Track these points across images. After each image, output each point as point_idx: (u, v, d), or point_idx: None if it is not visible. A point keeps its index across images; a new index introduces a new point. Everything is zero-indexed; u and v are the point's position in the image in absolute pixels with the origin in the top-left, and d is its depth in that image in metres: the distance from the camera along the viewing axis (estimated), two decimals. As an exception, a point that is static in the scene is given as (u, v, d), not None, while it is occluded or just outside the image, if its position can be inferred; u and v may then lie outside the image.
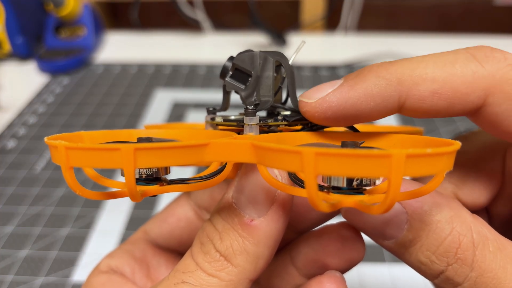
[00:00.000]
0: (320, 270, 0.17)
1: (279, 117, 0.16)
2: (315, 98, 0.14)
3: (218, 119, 0.17)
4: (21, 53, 0.61)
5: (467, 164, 0.17)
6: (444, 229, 0.14)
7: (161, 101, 0.52)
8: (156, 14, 0.80)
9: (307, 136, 0.16)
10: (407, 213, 0.14)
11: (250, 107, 0.15)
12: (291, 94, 0.17)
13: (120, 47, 0.67)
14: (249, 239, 0.15)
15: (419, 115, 0.14)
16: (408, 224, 0.14)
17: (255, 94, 0.16)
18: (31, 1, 0.63)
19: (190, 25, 0.71)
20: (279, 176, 0.15)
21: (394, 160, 0.10)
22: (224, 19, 0.76)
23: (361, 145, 0.15)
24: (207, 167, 0.17)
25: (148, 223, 0.21)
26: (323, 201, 0.12)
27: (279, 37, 0.64)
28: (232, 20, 0.77)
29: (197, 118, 0.48)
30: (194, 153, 0.13)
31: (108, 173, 0.40)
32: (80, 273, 0.32)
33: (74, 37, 0.63)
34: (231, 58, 0.17)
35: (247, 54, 0.16)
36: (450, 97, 0.13)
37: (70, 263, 0.32)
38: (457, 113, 0.14)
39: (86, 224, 0.36)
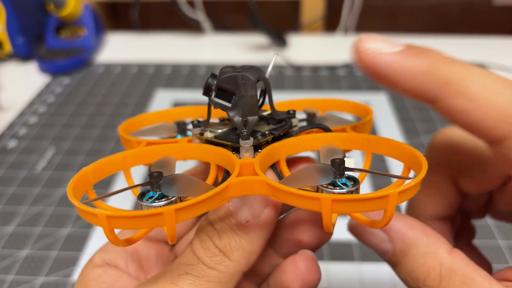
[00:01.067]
0: (294, 248, 0.19)
1: (266, 132, 0.18)
2: (372, 49, 0.15)
3: (209, 135, 0.19)
4: (22, 53, 0.62)
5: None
6: (418, 261, 0.17)
7: (162, 101, 0.52)
8: (156, 15, 0.80)
9: (291, 145, 0.19)
10: (391, 243, 0.17)
11: (244, 132, 0.17)
12: (270, 103, 0.19)
13: (121, 48, 0.67)
14: (245, 237, 0.17)
15: (444, 117, 0.15)
16: (392, 250, 0.18)
17: (241, 113, 0.18)
18: (32, 2, 0.63)
19: (190, 26, 0.71)
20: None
21: (390, 198, 0.14)
22: (224, 19, 0.77)
23: (345, 156, 0.17)
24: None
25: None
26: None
27: (279, 38, 0.64)
28: (232, 20, 0.78)
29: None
30: (219, 198, 0.15)
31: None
32: (80, 273, 0.32)
33: (75, 37, 0.63)
34: (213, 76, 0.18)
35: (229, 76, 0.17)
36: (473, 124, 0.13)
37: (70, 262, 0.32)
38: (477, 136, 0.14)
39: (86, 223, 0.36)
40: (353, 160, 0.18)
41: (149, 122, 0.23)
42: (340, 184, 0.16)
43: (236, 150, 0.18)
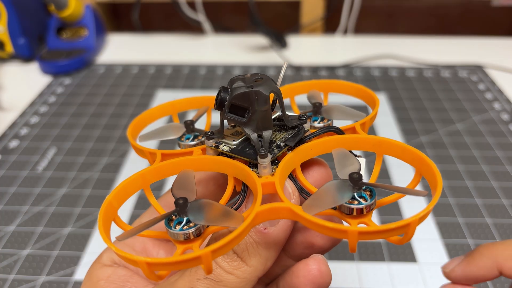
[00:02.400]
0: (306, 250, 0.19)
1: (282, 144, 0.19)
2: (450, 268, 0.22)
3: (225, 148, 0.19)
4: (23, 54, 0.62)
5: None
6: None
7: (162, 101, 0.52)
8: (157, 15, 0.80)
9: (305, 151, 0.19)
10: None
11: (262, 151, 0.17)
12: (283, 113, 0.19)
13: (121, 48, 0.67)
14: (262, 244, 0.17)
15: None
16: None
17: (256, 127, 0.18)
18: (33, 3, 0.63)
19: (190, 26, 0.72)
20: (292, 194, 0.18)
21: (411, 225, 0.15)
22: (224, 20, 0.77)
23: (360, 169, 0.18)
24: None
25: (143, 218, 0.22)
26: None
27: (279, 39, 0.64)
28: (232, 21, 0.78)
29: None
30: (248, 229, 0.16)
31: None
32: (82, 272, 0.32)
33: (76, 38, 0.63)
34: (225, 90, 0.18)
35: (242, 93, 0.17)
36: None
37: (72, 262, 0.33)
38: None
39: (87, 223, 0.36)
40: (364, 160, 0.18)
41: (154, 117, 0.23)
42: (358, 198, 0.16)
43: (253, 164, 0.18)
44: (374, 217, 0.35)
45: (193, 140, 0.21)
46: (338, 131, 0.20)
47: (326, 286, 0.18)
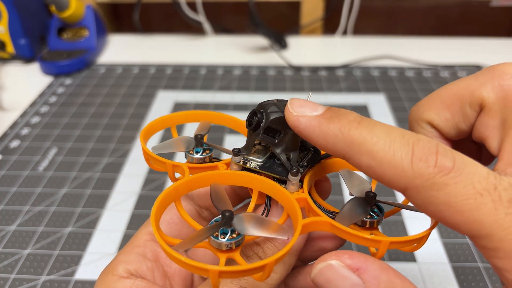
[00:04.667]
0: (317, 253, 0.21)
1: (305, 164, 0.20)
2: (296, 112, 0.17)
3: (253, 165, 0.20)
4: (24, 55, 0.62)
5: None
6: None
7: (163, 102, 0.53)
8: (157, 16, 0.81)
9: (319, 171, 0.21)
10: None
11: (294, 170, 0.19)
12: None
13: (122, 49, 0.68)
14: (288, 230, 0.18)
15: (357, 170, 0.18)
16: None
17: (284, 148, 0.20)
18: (34, 3, 0.64)
19: (191, 27, 0.72)
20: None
21: (423, 240, 0.19)
22: (225, 21, 0.77)
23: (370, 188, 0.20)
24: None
25: (149, 226, 0.22)
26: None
27: (279, 39, 0.65)
28: (233, 22, 0.78)
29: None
30: (295, 239, 0.17)
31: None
32: (83, 271, 0.32)
33: (77, 38, 0.63)
34: (260, 113, 0.19)
35: (277, 118, 0.19)
36: (380, 177, 0.16)
37: (73, 261, 0.33)
38: (388, 186, 0.16)
39: (88, 222, 0.36)
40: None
41: (157, 129, 0.24)
42: (372, 213, 0.19)
43: (281, 180, 0.20)
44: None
45: (202, 153, 0.22)
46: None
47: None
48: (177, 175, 0.22)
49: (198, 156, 0.22)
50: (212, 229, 0.17)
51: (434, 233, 0.34)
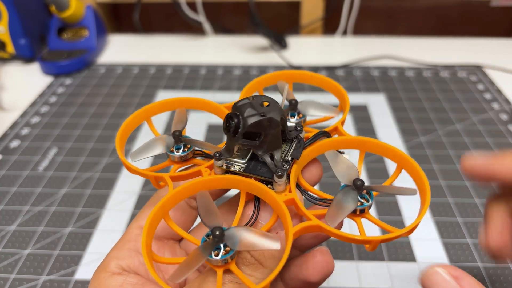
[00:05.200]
0: (300, 284, 0.21)
1: (290, 159, 0.20)
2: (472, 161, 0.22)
3: (237, 168, 0.20)
4: (25, 55, 0.62)
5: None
6: None
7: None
8: (157, 16, 0.81)
9: (304, 158, 0.21)
10: None
11: (280, 172, 0.19)
12: (286, 129, 0.20)
13: (122, 49, 0.68)
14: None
15: None
16: None
17: (266, 148, 0.19)
18: (34, 3, 0.64)
19: (191, 27, 0.72)
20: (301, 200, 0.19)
21: (412, 230, 0.18)
22: (225, 21, 0.77)
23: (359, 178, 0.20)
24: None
25: (140, 220, 0.22)
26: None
27: (279, 39, 0.65)
28: (232, 22, 0.78)
29: (198, 117, 0.49)
30: (289, 249, 0.17)
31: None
32: (83, 271, 0.32)
33: (77, 38, 0.63)
34: (236, 116, 0.18)
35: (256, 122, 0.18)
36: None
37: (73, 261, 0.33)
38: None
39: (88, 222, 0.36)
40: (348, 156, 0.21)
41: (131, 128, 0.23)
42: (361, 199, 0.19)
43: (267, 180, 0.19)
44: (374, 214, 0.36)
45: (183, 150, 0.21)
46: (327, 135, 0.22)
47: (330, 274, 0.20)
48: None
49: (179, 154, 0.21)
50: (205, 251, 0.17)
51: (434, 233, 0.34)
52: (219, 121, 0.52)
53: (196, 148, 0.22)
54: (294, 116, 0.23)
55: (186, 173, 0.20)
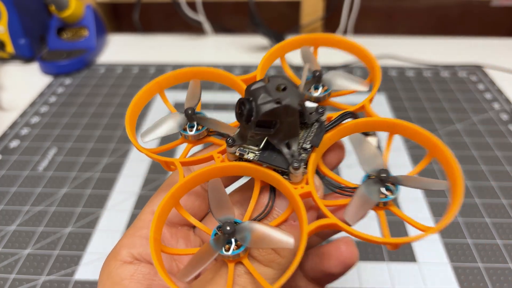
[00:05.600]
0: (321, 275, 0.20)
1: (308, 147, 0.18)
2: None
3: (251, 156, 0.18)
4: (24, 54, 0.62)
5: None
6: None
7: (163, 102, 0.53)
8: (157, 16, 0.81)
9: (326, 142, 0.19)
10: None
11: (296, 164, 0.17)
12: (306, 114, 0.19)
13: (122, 48, 0.68)
14: (293, 236, 0.18)
15: None
16: None
17: (283, 136, 0.18)
18: (34, 3, 0.63)
19: (191, 27, 0.72)
20: (319, 186, 0.18)
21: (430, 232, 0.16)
22: (225, 20, 0.77)
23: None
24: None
25: (153, 205, 0.21)
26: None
27: (279, 39, 0.65)
28: (233, 21, 0.78)
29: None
30: (303, 249, 0.16)
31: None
32: (83, 271, 0.32)
33: (77, 38, 0.63)
34: (249, 102, 0.17)
35: (271, 110, 0.16)
36: None
37: (73, 261, 0.33)
38: None
39: (88, 222, 0.36)
40: (376, 139, 0.19)
41: (144, 102, 0.22)
42: (386, 192, 0.17)
43: (283, 171, 0.18)
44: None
45: (197, 129, 0.20)
46: (353, 116, 0.20)
47: (354, 265, 0.19)
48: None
49: (193, 133, 0.20)
50: (216, 246, 0.16)
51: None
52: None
53: (211, 130, 0.20)
54: (317, 89, 0.21)
55: (197, 158, 0.19)
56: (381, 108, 0.51)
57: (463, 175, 0.17)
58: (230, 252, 0.16)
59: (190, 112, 0.20)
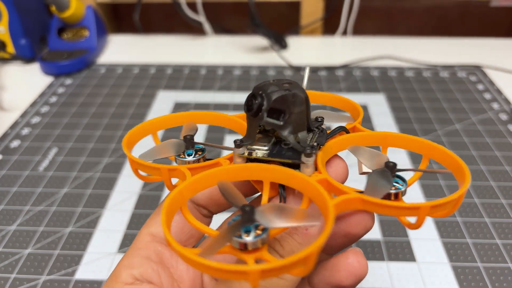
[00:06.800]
0: (342, 239, 0.19)
1: (315, 144, 0.19)
2: None
3: (260, 154, 0.19)
4: (25, 55, 0.62)
5: None
6: None
7: (163, 102, 0.53)
8: (157, 16, 0.81)
9: (327, 150, 0.20)
10: None
11: (308, 150, 0.17)
12: (309, 115, 0.19)
13: (122, 49, 0.68)
14: (306, 244, 0.17)
15: None
16: None
17: (291, 129, 0.18)
18: (35, 3, 0.64)
19: (191, 27, 0.72)
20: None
21: (421, 210, 0.16)
22: (225, 21, 0.77)
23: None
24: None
25: (150, 226, 0.21)
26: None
27: (279, 40, 0.65)
28: (233, 22, 0.78)
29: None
30: (332, 223, 0.15)
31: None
32: (83, 271, 0.32)
33: (77, 38, 0.63)
34: (260, 95, 0.17)
35: (281, 96, 0.17)
36: None
37: (73, 261, 0.33)
38: None
39: (89, 222, 0.36)
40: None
41: (137, 138, 0.22)
42: (395, 184, 0.18)
43: (293, 166, 0.18)
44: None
45: (194, 155, 0.20)
46: (347, 131, 0.21)
47: (364, 276, 0.19)
48: (174, 180, 0.20)
49: (190, 159, 0.20)
50: (234, 229, 0.15)
51: (434, 233, 0.34)
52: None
53: (207, 158, 0.21)
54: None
55: (204, 164, 0.19)
56: (380, 108, 0.51)
57: (463, 161, 0.18)
58: (251, 238, 0.15)
59: (188, 137, 0.20)
